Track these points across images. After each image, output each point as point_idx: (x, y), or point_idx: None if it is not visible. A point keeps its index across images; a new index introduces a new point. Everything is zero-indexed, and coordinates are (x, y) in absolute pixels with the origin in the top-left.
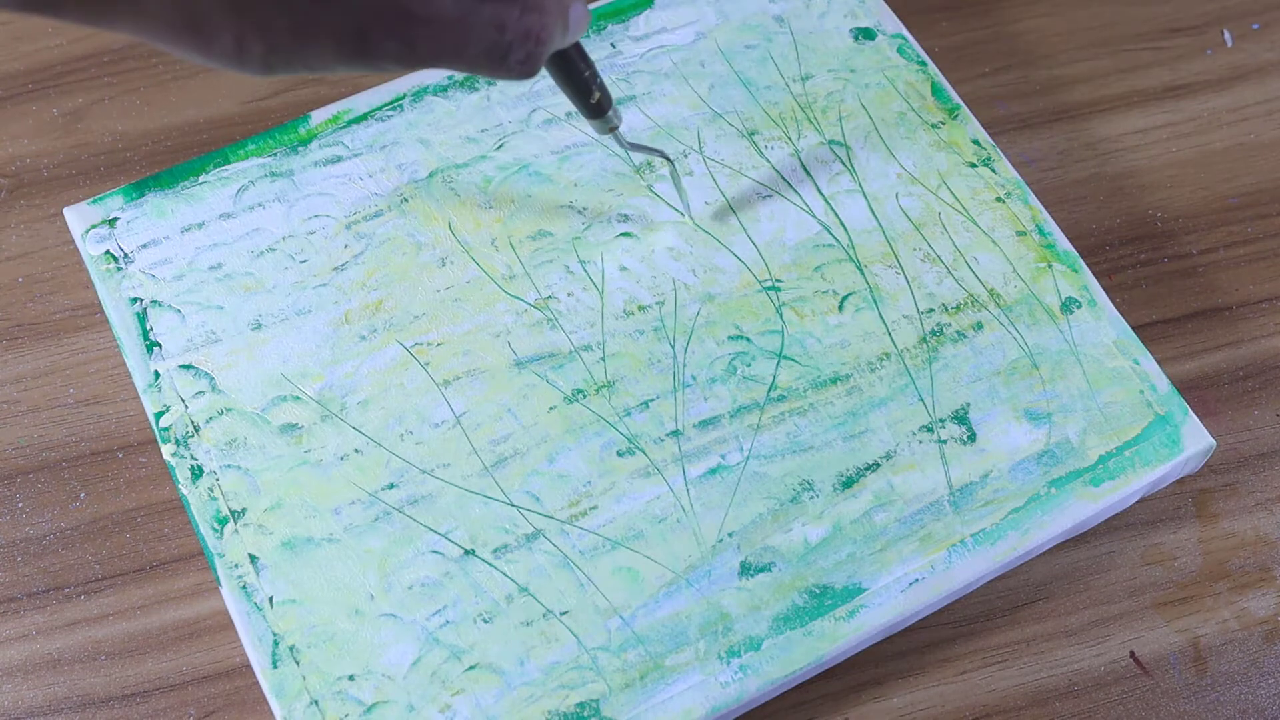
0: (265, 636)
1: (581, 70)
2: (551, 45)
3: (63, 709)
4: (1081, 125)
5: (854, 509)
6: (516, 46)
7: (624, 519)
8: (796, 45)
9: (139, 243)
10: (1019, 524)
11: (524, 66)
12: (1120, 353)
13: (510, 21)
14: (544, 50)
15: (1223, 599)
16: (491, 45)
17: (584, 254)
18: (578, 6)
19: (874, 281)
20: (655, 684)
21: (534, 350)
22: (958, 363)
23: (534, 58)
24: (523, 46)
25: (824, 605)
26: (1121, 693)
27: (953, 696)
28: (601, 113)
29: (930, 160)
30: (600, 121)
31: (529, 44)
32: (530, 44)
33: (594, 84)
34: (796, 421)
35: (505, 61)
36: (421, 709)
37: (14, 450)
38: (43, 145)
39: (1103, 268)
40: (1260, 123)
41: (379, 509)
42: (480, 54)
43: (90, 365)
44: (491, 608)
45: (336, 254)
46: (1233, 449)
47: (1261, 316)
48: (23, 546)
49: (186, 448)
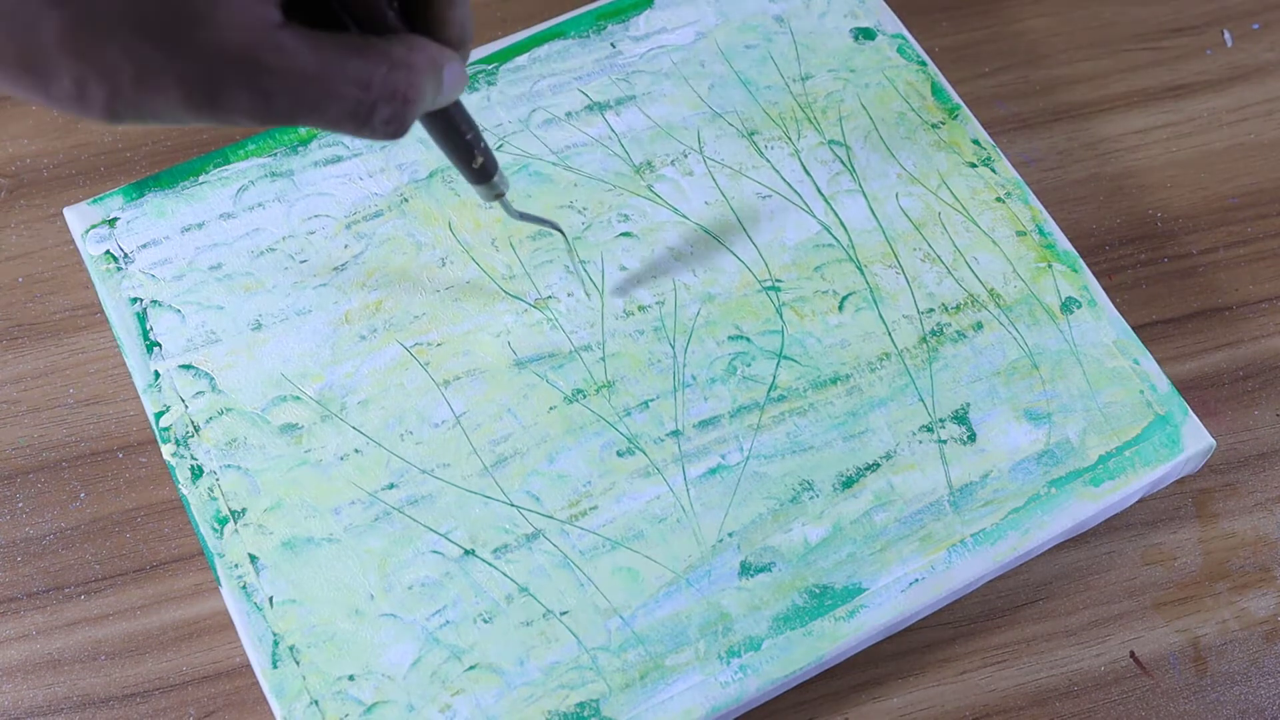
0: (265, 636)
1: (462, 132)
2: (421, 106)
3: (63, 709)
4: (1081, 125)
5: (854, 509)
6: (381, 106)
7: (624, 519)
8: (796, 45)
9: (139, 243)
10: (1019, 524)
11: (389, 128)
12: (1120, 353)
13: (376, 79)
14: (412, 111)
15: (1223, 599)
16: (355, 104)
17: (584, 254)
18: (453, 66)
19: (874, 281)
20: (655, 684)
21: (534, 350)
22: (958, 363)
23: (400, 119)
24: (388, 106)
25: (824, 605)
26: (1121, 693)
27: (953, 696)
28: (486, 178)
29: (930, 160)
30: (485, 187)
31: (395, 104)
32: (397, 104)
33: (476, 148)
34: (796, 421)
35: (369, 122)
36: (421, 709)
37: (14, 450)
38: (43, 145)
39: (1103, 268)
40: (1260, 123)
41: (379, 509)
42: (343, 113)
43: (90, 365)
44: (491, 608)
45: (336, 254)
46: (1233, 449)
47: (1261, 316)
48: (23, 546)
49: (186, 448)
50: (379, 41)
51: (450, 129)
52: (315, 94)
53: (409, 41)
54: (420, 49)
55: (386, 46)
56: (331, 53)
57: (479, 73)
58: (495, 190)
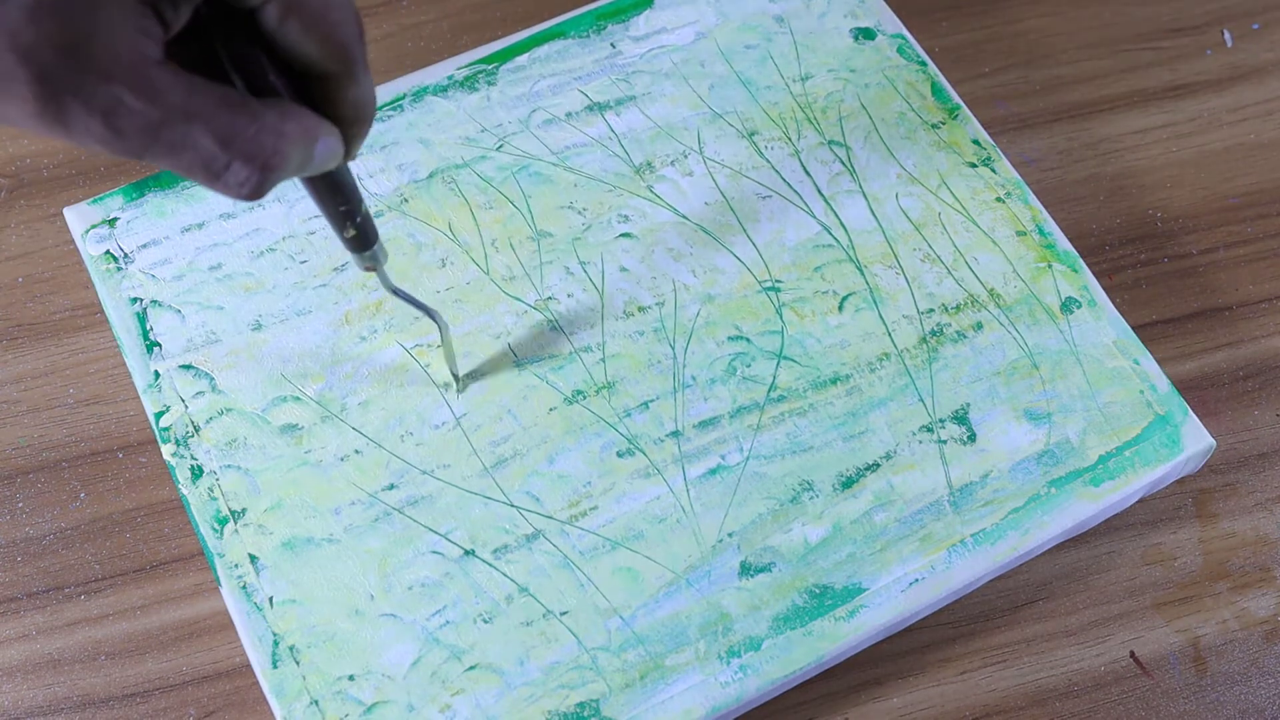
0: (265, 636)
1: (337, 203)
2: (284, 175)
3: (63, 709)
4: (1081, 125)
5: (854, 509)
6: (238, 166)
7: (624, 519)
8: (796, 45)
9: (139, 243)
10: (1019, 524)
11: (243, 189)
12: (1120, 353)
13: (240, 136)
14: (270, 178)
15: (1223, 599)
16: (210, 158)
17: (584, 254)
18: (328, 140)
19: (874, 282)
20: (655, 684)
21: (534, 351)
22: (958, 363)
23: (256, 183)
24: (245, 167)
25: (824, 605)
26: (1121, 693)
27: (953, 696)
28: (361, 248)
29: (930, 160)
30: (359, 257)
31: (252, 166)
32: (253, 167)
33: (351, 220)
34: (796, 422)
35: (222, 177)
36: (421, 709)
37: (14, 450)
38: (43, 145)
39: (1103, 268)
40: (1260, 123)
41: (379, 509)
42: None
43: (90, 365)
44: (491, 608)
45: (336, 254)
46: (1233, 449)
47: (1261, 316)
48: (23, 546)
49: (186, 448)
50: (255, 102)
51: (326, 196)
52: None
53: (286, 109)
54: (295, 118)
55: (261, 108)
56: (202, 100)
57: (479, 73)
58: (367, 262)
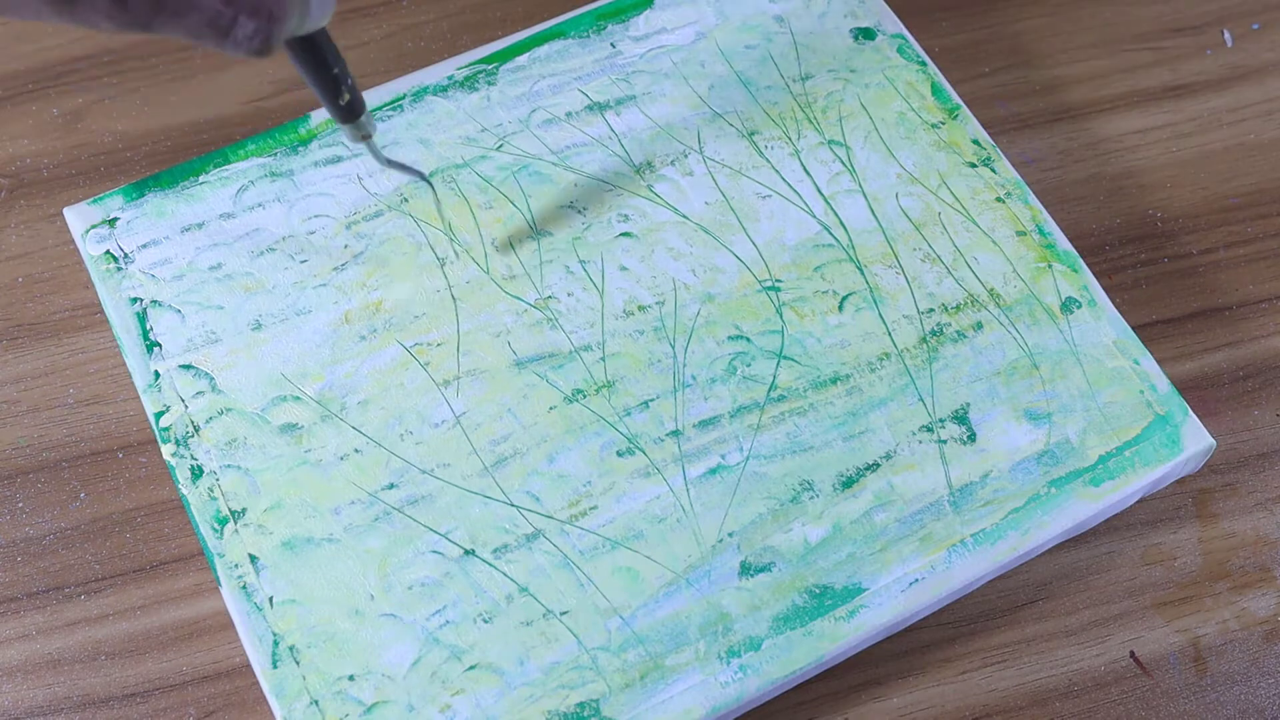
0: (265, 636)
1: (329, 65)
2: (286, 24)
3: (63, 709)
4: (1081, 125)
5: (854, 509)
6: (244, 20)
7: (624, 519)
8: (796, 45)
9: (139, 243)
10: (1019, 524)
11: (252, 43)
12: (1120, 353)
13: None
14: (277, 29)
15: (1223, 599)
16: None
17: (584, 254)
18: None
19: (874, 281)
20: (655, 684)
21: (534, 350)
22: (958, 363)
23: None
24: (251, 20)
25: (824, 605)
26: (1121, 693)
27: (953, 696)
28: (352, 116)
29: (930, 160)
30: (351, 127)
31: (259, 19)
32: (260, 19)
33: (343, 83)
34: (796, 421)
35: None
36: (421, 709)
37: (14, 450)
38: (43, 145)
39: (1103, 268)
40: (1260, 123)
41: (379, 509)
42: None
43: (90, 365)
44: (491, 608)
45: (336, 254)
46: (1233, 449)
47: (1261, 316)
48: (23, 546)
49: (186, 448)
50: None
51: (318, 61)
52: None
53: None
54: None
55: None
56: None
57: (479, 73)
58: (361, 130)
